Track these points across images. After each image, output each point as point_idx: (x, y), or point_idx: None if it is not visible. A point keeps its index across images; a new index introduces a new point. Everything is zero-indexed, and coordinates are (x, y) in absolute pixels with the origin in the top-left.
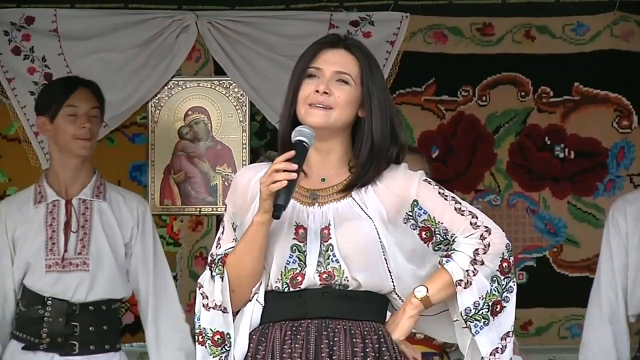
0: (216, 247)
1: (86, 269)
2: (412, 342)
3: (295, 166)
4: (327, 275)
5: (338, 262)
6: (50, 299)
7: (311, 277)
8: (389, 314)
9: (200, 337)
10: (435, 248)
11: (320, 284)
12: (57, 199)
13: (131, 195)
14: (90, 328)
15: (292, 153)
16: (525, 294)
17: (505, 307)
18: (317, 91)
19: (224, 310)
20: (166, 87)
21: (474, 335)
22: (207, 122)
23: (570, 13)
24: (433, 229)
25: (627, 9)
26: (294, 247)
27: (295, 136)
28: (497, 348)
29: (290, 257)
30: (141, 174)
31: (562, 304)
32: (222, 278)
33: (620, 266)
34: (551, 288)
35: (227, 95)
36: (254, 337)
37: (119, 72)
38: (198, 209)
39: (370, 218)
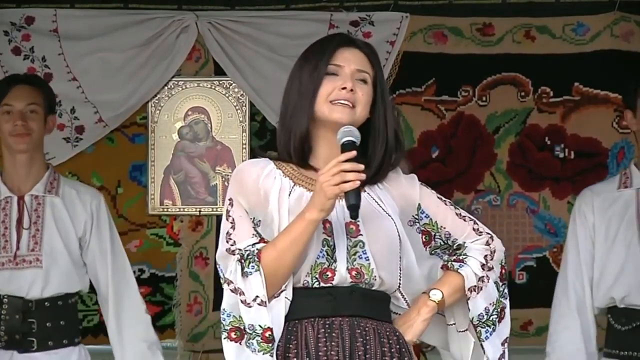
0: (227, 242)
1: (39, 265)
2: None
3: (362, 166)
4: (356, 272)
5: (368, 259)
6: (5, 297)
7: (343, 274)
8: None
9: (233, 333)
10: (432, 252)
11: (350, 281)
12: (9, 195)
13: (85, 188)
14: (48, 324)
15: (353, 153)
16: (525, 294)
17: (506, 312)
18: (344, 88)
19: (266, 305)
20: (166, 87)
21: (483, 341)
22: (207, 122)
23: (570, 13)
24: (433, 233)
25: (627, 9)
26: (324, 242)
27: (344, 137)
28: (501, 354)
29: (320, 251)
30: (141, 174)
31: None
32: (260, 273)
33: (587, 258)
34: (551, 288)
35: (227, 95)
36: (281, 334)
37: (119, 72)
38: (198, 209)
39: (389, 215)
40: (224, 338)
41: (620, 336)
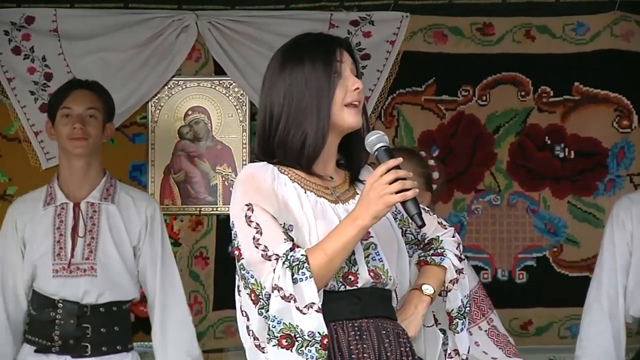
0: (256, 247)
1: (94, 274)
2: None
3: (411, 173)
4: (374, 273)
5: (381, 260)
6: (60, 301)
7: (366, 276)
8: None
9: (284, 340)
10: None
11: (372, 283)
12: (66, 201)
13: (141, 195)
14: (102, 329)
15: (400, 159)
16: (525, 294)
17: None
18: (357, 89)
19: (321, 312)
20: (166, 87)
21: (457, 333)
22: (207, 121)
23: (570, 13)
24: (404, 229)
25: (627, 9)
26: None
27: (377, 143)
28: (469, 346)
29: None
30: (141, 173)
31: (562, 303)
32: (313, 279)
33: (623, 265)
34: (551, 288)
35: (227, 95)
36: None
37: (119, 72)
38: (198, 209)
39: (386, 217)
40: (273, 345)
41: None
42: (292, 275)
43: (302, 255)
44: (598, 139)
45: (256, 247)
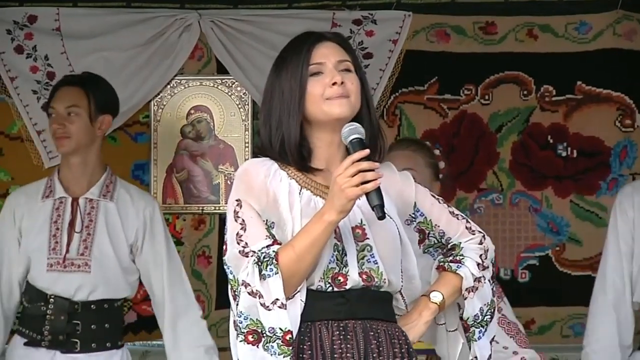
0: (238, 243)
1: (88, 270)
2: None
3: (378, 164)
4: (366, 276)
5: (376, 263)
6: (52, 296)
7: (355, 278)
8: None
9: (250, 336)
10: (425, 250)
11: (362, 285)
12: (64, 195)
13: (140, 195)
14: (92, 326)
15: (367, 151)
16: (527, 293)
17: (495, 312)
18: (334, 83)
19: (286, 308)
20: (169, 86)
21: (475, 341)
22: (209, 120)
23: (573, 12)
24: (427, 232)
25: (630, 8)
26: (335, 246)
27: (350, 135)
28: (490, 354)
29: (331, 256)
30: (144, 172)
31: (564, 302)
32: (279, 275)
33: (627, 252)
34: (554, 287)
35: (229, 94)
36: None
37: (121, 71)
38: (201, 208)
39: (390, 217)
40: (240, 341)
41: None
42: (260, 271)
43: (273, 251)
44: (600, 138)
45: (238, 242)
